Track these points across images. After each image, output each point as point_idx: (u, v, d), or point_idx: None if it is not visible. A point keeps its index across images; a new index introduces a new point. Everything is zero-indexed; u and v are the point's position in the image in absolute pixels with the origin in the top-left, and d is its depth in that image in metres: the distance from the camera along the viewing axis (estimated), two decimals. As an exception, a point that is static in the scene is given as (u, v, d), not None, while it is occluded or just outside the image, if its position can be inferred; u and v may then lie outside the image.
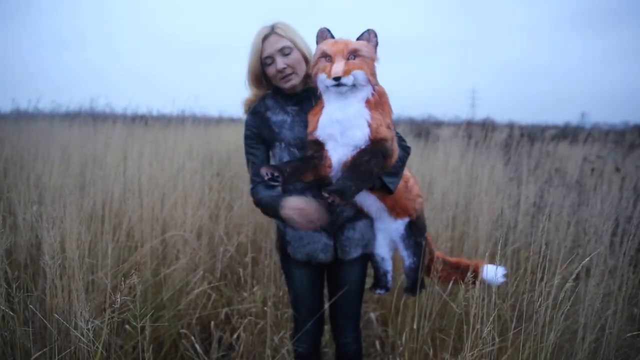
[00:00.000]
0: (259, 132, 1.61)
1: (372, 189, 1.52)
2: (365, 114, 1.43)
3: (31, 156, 3.13)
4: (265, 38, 1.56)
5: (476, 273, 1.67)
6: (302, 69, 1.57)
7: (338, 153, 1.45)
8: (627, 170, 3.96)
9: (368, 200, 1.59)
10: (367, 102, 1.44)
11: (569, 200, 2.56)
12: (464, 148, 3.91)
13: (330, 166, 1.46)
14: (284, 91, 1.62)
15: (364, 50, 1.42)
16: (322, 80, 1.44)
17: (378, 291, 1.79)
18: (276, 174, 1.39)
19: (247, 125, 1.63)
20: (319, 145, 1.47)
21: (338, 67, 1.38)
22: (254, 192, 1.60)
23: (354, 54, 1.42)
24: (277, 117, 1.59)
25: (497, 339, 1.46)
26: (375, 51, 1.47)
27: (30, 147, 3.42)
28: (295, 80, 1.56)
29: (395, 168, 1.52)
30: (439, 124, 10.59)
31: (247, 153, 1.65)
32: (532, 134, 6.83)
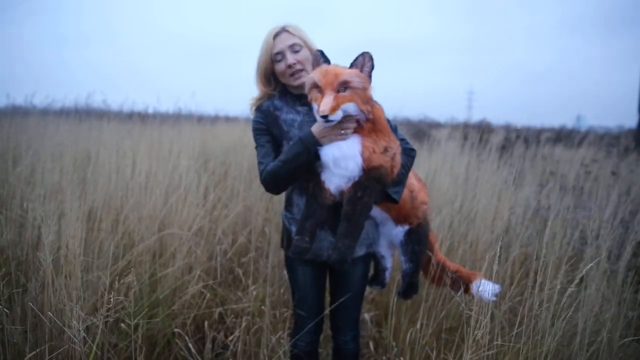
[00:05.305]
0: (268, 128, 1.62)
1: (376, 202, 1.52)
2: (357, 143, 1.41)
3: (23, 151, 3.09)
4: (276, 35, 1.59)
5: (467, 287, 1.69)
6: (310, 68, 1.57)
7: (334, 183, 1.46)
8: (623, 174, 3.98)
9: (374, 212, 1.59)
10: (361, 130, 1.42)
11: (566, 204, 2.56)
12: (460, 150, 3.91)
13: (331, 195, 1.48)
14: (292, 92, 1.63)
15: (354, 82, 1.36)
16: (315, 110, 1.42)
17: (374, 286, 1.83)
18: (307, 238, 1.48)
19: (256, 121, 1.64)
20: (316, 176, 1.48)
21: (325, 105, 1.33)
22: (263, 172, 1.56)
23: (344, 85, 1.35)
24: (288, 116, 1.60)
25: (498, 342, 1.46)
26: (370, 75, 1.41)
27: (22, 142, 3.39)
28: (304, 78, 1.56)
29: (399, 176, 1.52)
30: (435, 125, 10.61)
31: (256, 142, 1.64)
32: (528, 137, 6.85)
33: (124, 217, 2.39)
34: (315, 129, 1.45)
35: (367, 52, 1.40)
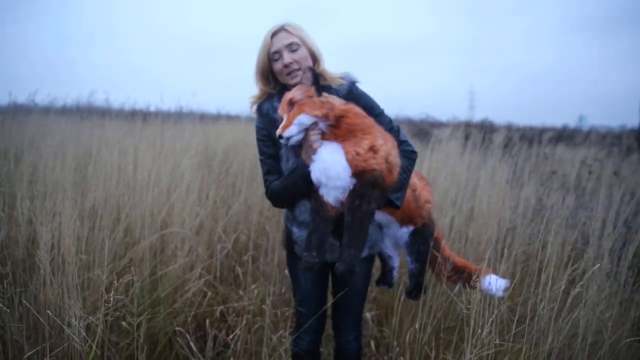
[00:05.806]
0: (268, 134, 1.62)
1: (378, 208, 1.51)
2: (337, 151, 1.41)
3: (25, 149, 3.09)
4: (274, 34, 1.59)
5: (470, 280, 1.67)
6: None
7: (331, 196, 1.46)
8: (625, 174, 3.97)
9: (377, 216, 1.59)
10: (335, 138, 1.42)
11: (567, 203, 2.55)
12: (462, 149, 3.90)
13: (332, 208, 1.48)
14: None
15: (296, 95, 1.45)
16: None
17: (382, 286, 1.84)
18: (314, 253, 1.47)
19: (258, 128, 1.65)
20: (315, 191, 1.49)
21: (279, 128, 1.43)
22: (267, 189, 1.62)
23: (290, 104, 1.45)
24: None
25: (497, 341, 1.45)
26: (313, 85, 1.46)
27: (24, 140, 3.39)
28: (301, 77, 1.55)
29: (400, 181, 1.51)
30: (437, 124, 10.59)
31: (260, 154, 1.65)
32: (530, 136, 6.82)
33: (125, 216, 2.39)
34: (302, 154, 1.50)
35: (305, 66, 1.51)
